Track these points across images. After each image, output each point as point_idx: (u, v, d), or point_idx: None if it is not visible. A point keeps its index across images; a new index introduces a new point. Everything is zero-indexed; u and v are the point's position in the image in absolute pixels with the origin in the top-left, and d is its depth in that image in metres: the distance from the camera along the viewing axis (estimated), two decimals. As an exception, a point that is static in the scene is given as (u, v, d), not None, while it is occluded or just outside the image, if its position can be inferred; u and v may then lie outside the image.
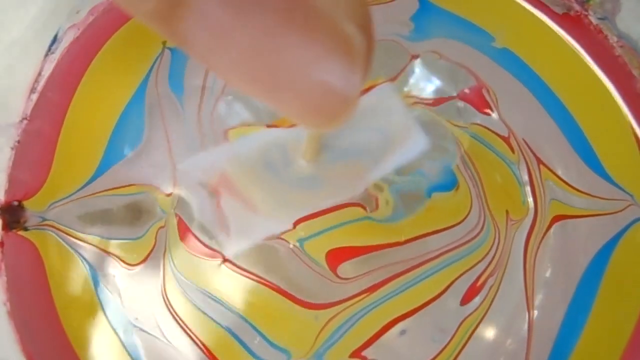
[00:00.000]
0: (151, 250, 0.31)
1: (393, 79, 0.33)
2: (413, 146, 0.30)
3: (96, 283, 0.31)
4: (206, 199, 0.31)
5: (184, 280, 0.31)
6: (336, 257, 0.30)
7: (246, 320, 0.30)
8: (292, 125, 0.30)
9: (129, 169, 0.32)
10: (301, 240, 0.31)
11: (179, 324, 0.30)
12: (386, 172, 0.30)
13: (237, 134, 0.32)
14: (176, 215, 0.31)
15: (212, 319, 0.30)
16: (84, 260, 0.31)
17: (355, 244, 0.31)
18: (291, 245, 0.31)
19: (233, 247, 0.30)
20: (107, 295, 0.31)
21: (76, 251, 0.31)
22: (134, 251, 0.31)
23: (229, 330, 0.30)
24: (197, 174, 0.30)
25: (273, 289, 0.30)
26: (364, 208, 0.31)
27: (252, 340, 0.30)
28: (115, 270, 0.31)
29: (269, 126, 0.31)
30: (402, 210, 0.31)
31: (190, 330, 0.30)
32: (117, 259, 0.31)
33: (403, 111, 0.30)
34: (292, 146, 0.30)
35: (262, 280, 0.30)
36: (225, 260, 0.31)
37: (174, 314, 0.30)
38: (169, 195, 0.32)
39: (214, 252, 0.31)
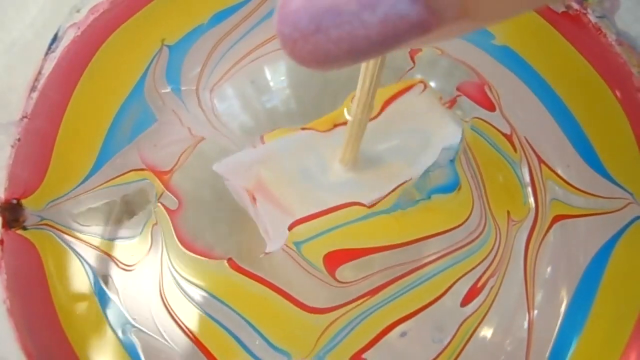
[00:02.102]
0: (148, 250, 0.31)
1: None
2: (451, 137, 0.29)
3: (95, 283, 0.31)
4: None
5: (183, 280, 0.30)
6: (334, 260, 0.30)
7: (247, 321, 0.30)
8: (327, 130, 0.30)
9: (128, 157, 0.32)
10: (298, 244, 0.30)
11: (177, 324, 0.30)
12: (426, 166, 0.29)
13: (273, 137, 0.30)
14: (163, 205, 0.31)
15: (211, 318, 0.30)
16: (82, 260, 0.31)
17: (353, 246, 0.30)
18: (287, 249, 0.30)
19: (273, 245, 0.30)
20: (106, 295, 0.30)
21: (74, 251, 0.31)
22: (131, 252, 0.31)
23: (228, 330, 0.30)
24: (234, 178, 0.29)
25: (275, 290, 0.30)
26: (363, 205, 0.31)
27: (253, 341, 0.30)
28: (113, 270, 0.31)
29: (303, 129, 0.30)
30: (401, 200, 0.31)
31: (189, 330, 0.30)
32: (115, 259, 0.31)
33: (439, 107, 0.30)
34: (328, 151, 0.29)
35: (264, 282, 0.30)
36: (228, 260, 0.30)
37: (172, 314, 0.30)
38: (167, 172, 0.32)
39: (208, 250, 0.31)
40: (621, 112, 0.31)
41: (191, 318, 0.30)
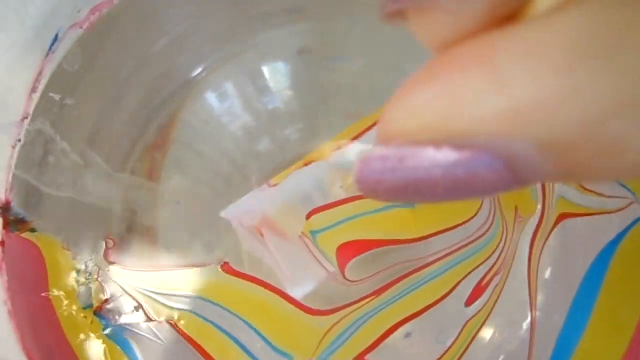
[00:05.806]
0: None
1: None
2: None
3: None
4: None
5: (177, 295, 0.30)
6: (347, 251, 0.30)
7: (248, 324, 0.30)
8: (326, 157, 0.30)
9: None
10: (314, 233, 0.30)
11: (176, 329, 0.30)
12: None
13: (278, 179, 0.30)
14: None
15: (211, 323, 0.30)
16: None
17: (367, 237, 0.30)
18: (303, 238, 0.30)
19: (296, 290, 0.28)
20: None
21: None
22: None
23: (229, 334, 0.30)
24: (240, 221, 0.29)
25: (275, 292, 0.30)
26: None
27: (254, 344, 0.30)
28: (114, 273, 0.31)
29: (305, 163, 0.30)
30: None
31: (188, 335, 0.30)
32: (117, 264, 0.31)
33: None
34: (327, 176, 0.29)
35: (264, 284, 0.30)
36: (223, 264, 0.30)
37: (171, 321, 0.30)
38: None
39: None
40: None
41: (190, 322, 0.30)
